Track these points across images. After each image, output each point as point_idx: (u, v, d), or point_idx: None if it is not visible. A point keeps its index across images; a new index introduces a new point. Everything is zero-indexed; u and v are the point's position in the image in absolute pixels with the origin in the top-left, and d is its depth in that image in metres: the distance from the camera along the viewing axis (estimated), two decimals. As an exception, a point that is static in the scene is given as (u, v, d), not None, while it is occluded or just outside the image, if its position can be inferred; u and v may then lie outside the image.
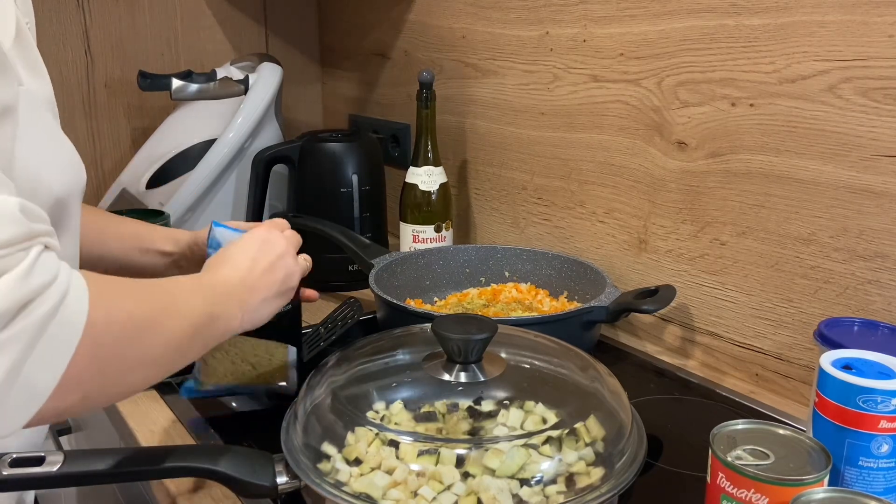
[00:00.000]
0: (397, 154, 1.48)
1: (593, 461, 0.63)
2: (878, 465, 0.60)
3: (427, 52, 1.41)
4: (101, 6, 1.52)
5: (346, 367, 0.74)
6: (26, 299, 0.45)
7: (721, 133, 0.92)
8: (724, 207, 0.94)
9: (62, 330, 0.47)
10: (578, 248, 1.16)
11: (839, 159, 0.81)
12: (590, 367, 0.74)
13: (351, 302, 0.98)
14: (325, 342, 0.95)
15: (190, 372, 0.82)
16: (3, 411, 0.46)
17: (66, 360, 0.47)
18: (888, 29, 0.75)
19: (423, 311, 0.96)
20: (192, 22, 1.62)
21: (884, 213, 0.78)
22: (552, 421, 0.66)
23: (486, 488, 0.59)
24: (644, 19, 0.99)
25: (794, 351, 0.89)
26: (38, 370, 0.46)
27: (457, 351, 0.69)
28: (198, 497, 0.71)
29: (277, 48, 1.71)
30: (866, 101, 0.78)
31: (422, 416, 0.66)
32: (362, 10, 1.59)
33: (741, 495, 0.55)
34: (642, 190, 1.04)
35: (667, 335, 1.04)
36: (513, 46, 1.21)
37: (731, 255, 0.94)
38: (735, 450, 0.57)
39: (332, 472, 0.62)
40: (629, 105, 1.03)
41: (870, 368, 0.62)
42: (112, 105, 1.56)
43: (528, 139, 1.21)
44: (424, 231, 1.22)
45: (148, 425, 0.84)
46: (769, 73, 0.86)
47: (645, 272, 1.06)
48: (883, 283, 0.80)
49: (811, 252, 0.85)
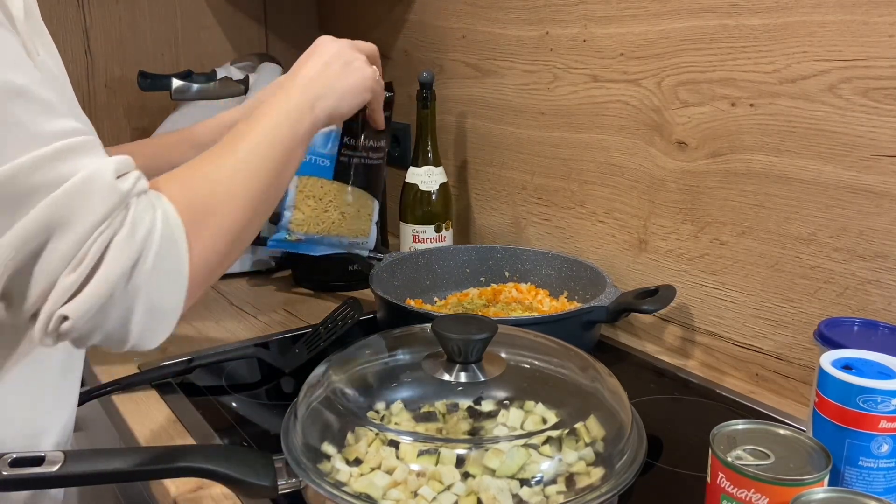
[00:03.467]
0: (397, 154, 1.48)
1: (593, 461, 0.63)
2: (879, 465, 0.60)
3: (427, 52, 1.41)
4: (101, 6, 1.52)
5: (346, 366, 0.74)
6: (136, 256, 0.53)
7: (721, 133, 0.92)
8: (724, 207, 0.94)
9: (171, 264, 0.55)
10: (578, 248, 1.16)
11: (839, 159, 0.81)
12: (590, 367, 0.74)
13: (351, 302, 0.98)
14: (325, 342, 0.95)
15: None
16: (153, 334, 0.56)
17: (185, 280, 0.56)
18: (888, 29, 0.75)
19: (423, 311, 0.96)
20: (192, 22, 1.62)
21: (884, 213, 0.78)
22: (552, 421, 0.66)
23: (486, 488, 0.59)
24: (644, 19, 0.99)
25: (794, 351, 0.89)
26: (165, 299, 0.55)
27: (457, 351, 0.69)
28: (198, 497, 0.71)
29: (277, 48, 1.71)
30: (866, 101, 0.78)
31: (422, 416, 0.66)
32: (362, 9, 1.59)
33: (741, 495, 0.55)
34: (642, 190, 1.04)
35: (667, 335, 1.04)
36: (513, 46, 1.21)
37: (731, 255, 0.94)
38: (735, 450, 0.57)
39: (332, 472, 0.62)
40: (629, 105, 1.03)
41: (870, 368, 0.62)
42: (112, 105, 1.56)
43: (528, 139, 1.21)
44: (424, 231, 1.22)
45: (148, 425, 0.84)
46: (769, 73, 0.86)
47: (645, 272, 1.06)
48: (883, 283, 0.80)
49: (811, 252, 0.85)
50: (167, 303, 0.56)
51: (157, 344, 0.57)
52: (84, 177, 0.51)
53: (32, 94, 0.51)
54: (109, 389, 0.89)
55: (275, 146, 0.67)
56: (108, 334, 0.54)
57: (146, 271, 0.53)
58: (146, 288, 0.54)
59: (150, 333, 0.56)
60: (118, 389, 0.89)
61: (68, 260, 0.51)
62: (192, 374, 0.93)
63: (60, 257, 0.51)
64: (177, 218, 0.56)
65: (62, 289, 0.51)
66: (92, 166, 0.52)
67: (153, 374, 0.92)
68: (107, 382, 0.90)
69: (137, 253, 0.53)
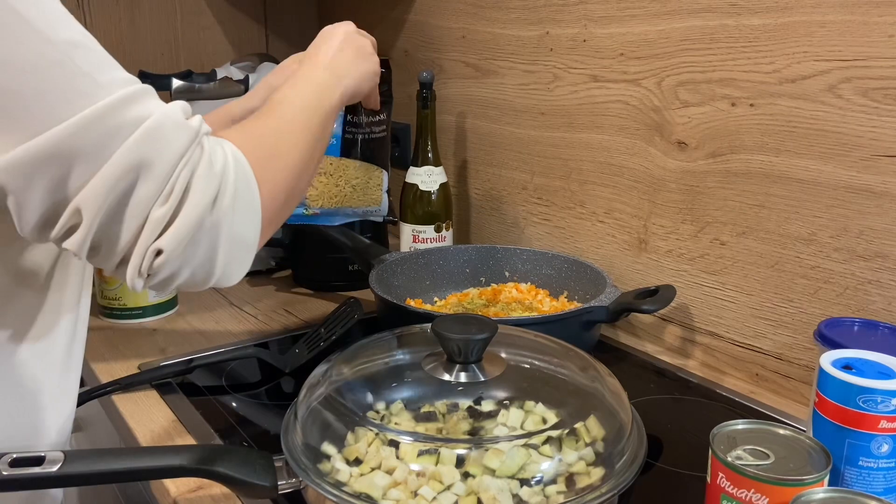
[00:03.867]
0: (397, 154, 1.48)
1: (593, 461, 0.63)
2: (879, 465, 0.60)
3: (427, 52, 1.41)
4: (101, 6, 1.52)
5: (346, 367, 0.74)
6: (217, 187, 0.56)
7: (721, 133, 0.92)
8: (724, 207, 0.94)
9: (247, 197, 0.59)
10: (578, 248, 1.16)
11: (839, 159, 0.81)
12: (590, 367, 0.74)
13: (351, 302, 0.98)
14: (325, 342, 0.95)
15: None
16: (236, 267, 0.60)
17: (259, 214, 0.60)
18: (888, 29, 0.75)
19: (423, 311, 0.96)
20: (192, 22, 1.62)
21: (884, 213, 0.78)
22: (552, 421, 0.66)
23: (486, 488, 0.59)
24: (644, 19, 0.99)
25: (794, 351, 0.89)
26: (245, 231, 0.59)
27: (457, 351, 0.69)
28: (198, 497, 0.71)
29: (277, 48, 1.71)
30: (866, 101, 0.78)
31: (422, 416, 0.66)
32: (362, 10, 1.59)
33: (741, 495, 0.55)
34: (642, 190, 1.04)
35: (667, 335, 1.04)
36: (513, 46, 1.21)
37: (731, 255, 0.94)
38: (735, 450, 0.57)
39: (332, 472, 0.62)
40: (629, 105, 1.03)
41: (870, 368, 0.62)
42: (112, 105, 1.56)
43: (528, 139, 1.21)
44: (424, 231, 1.22)
45: (148, 425, 0.84)
46: (769, 73, 0.86)
47: (645, 272, 1.06)
48: (883, 283, 0.80)
49: (811, 252, 0.85)
50: (247, 235, 0.60)
51: (238, 279, 0.61)
52: (157, 118, 0.54)
53: (89, 46, 0.53)
54: (109, 389, 0.89)
55: (316, 112, 0.72)
56: (195, 270, 0.57)
57: (227, 203, 0.57)
58: (228, 219, 0.57)
59: (233, 267, 0.59)
60: (118, 389, 0.89)
61: (156, 196, 0.53)
62: (192, 374, 0.93)
63: (148, 194, 0.53)
64: (244, 158, 0.60)
65: (154, 223, 0.54)
66: (161, 109, 0.55)
67: (153, 374, 0.92)
68: (107, 382, 0.90)
69: (218, 184, 0.56)
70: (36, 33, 0.51)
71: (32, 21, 0.51)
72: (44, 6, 0.52)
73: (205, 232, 0.56)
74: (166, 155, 0.53)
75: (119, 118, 0.52)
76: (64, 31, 0.52)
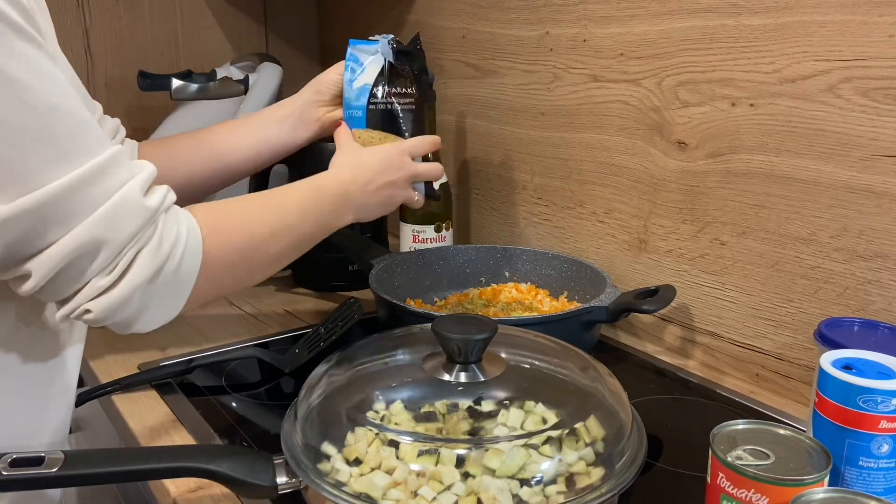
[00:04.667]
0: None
1: (593, 461, 0.63)
2: (879, 465, 0.60)
3: (427, 52, 1.41)
4: (101, 6, 1.52)
5: (346, 367, 0.74)
6: (160, 265, 0.62)
7: (721, 133, 0.92)
8: (724, 207, 0.94)
9: (185, 275, 0.64)
10: (578, 248, 1.16)
11: (839, 159, 0.81)
12: (590, 367, 0.74)
13: (351, 302, 0.98)
14: (325, 342, 0.95)
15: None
16: (154, 325, 0.65)
17: (189, 290, 0.65)
18: (888, 29, 0.75)
19: (423, 311, 0.96)
20: (192, 22, 1.62)
21: (884, 213, 0.78)
22: (552, 421, 0.66)
23: (486, 488, 0.59)
24: (644, 19, 0.99)
25: (794, 351, 0.89)
26: (170, 300, 0.65)
27: (457, 351, 0.69)
28: (198, 497, 0.71)
29: (277, 48, 1.71)
30: (866, 101, 0.78)
31: (422, 417, 0.66)
32: (362, 10, 1.59)
33: (741, 495, 0.55)
34: (642, 190, 1.04)
35: (667, 335, 1.04)
36: (513, 46, 1.21)
37: (731, 255, 0.94)
38: (735, 450, 0.57)
39: (332, 472, 0.62)
40: (629, 105, 1.03)
41: (870, 368, 0.62)
42: (112, 105, 1.56)
43: (528, 139, 1.21)
44: (424, 231, 1.22)
45: (148, 425, 0.84)
46: (769, 73, 0.86)
47: (645, 272, 1.06)
48: (883, 283, 0.80)
49: (811, 252, 0.85)
50: (175, 304, 0.65)
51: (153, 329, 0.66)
52: (119, 198, 0.59)
53: (65, 109, 0.56)
54: (109, 389, 0.89)
55: (306, 220, 0.77)
56: (118, 323, 0.62)
57: (164, 279, 0.62)
58: (161, 292, 0.63)
59: (152, 325, 0.65)
60: (118, 389, 0.89)
61: (103, 268, 0.59)
62: (192, 374, 0.93)
63: (95, 268, 0.59)
64: (198, 234, 0.65)
65: (93, 289, 0.59)
66: (123, 189, 0.59)
67: (153, 374, 0.92)
68: (107, 382, 0.90)
69: (161, 263, 0.62)
70: (18, 100, 0.53)
71: (16, 83, 0.53)
72: (31, 67, 0.54)
73: (135, 302, 0.61)
74: (120, 236, 0.59)
75: (84, 195, 0.57)
76: (45, 94, 0.55)
